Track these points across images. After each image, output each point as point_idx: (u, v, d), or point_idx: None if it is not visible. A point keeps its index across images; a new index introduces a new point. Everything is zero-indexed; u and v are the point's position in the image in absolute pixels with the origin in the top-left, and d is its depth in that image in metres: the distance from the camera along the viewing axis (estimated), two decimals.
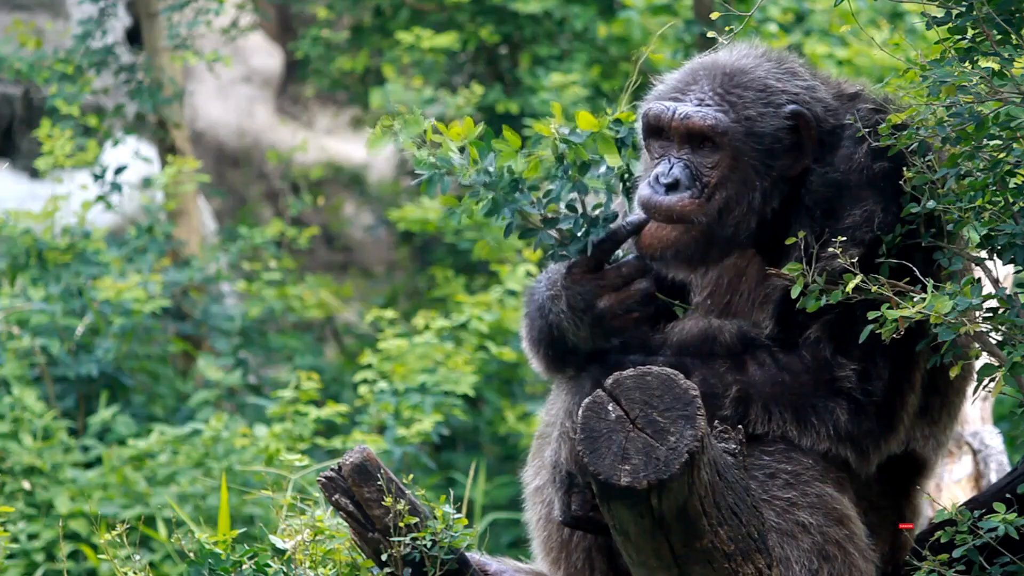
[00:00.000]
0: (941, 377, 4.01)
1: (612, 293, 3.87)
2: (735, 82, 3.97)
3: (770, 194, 3.97)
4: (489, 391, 9.01)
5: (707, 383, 3.84)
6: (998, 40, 3.70)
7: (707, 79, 3.98)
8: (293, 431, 7.57)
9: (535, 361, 4.05)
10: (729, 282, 4.07)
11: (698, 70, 4.02)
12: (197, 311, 9.35)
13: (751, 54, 4.04)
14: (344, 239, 13.46)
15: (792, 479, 3.86)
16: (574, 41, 10.44)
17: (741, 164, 3.94)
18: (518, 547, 6.20)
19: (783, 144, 3.96)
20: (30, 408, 7.92)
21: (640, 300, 3.89)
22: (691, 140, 3.94)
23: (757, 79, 3.98)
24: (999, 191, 3.72)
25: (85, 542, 7.55)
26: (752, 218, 3.96)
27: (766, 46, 4.11)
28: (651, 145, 3.99)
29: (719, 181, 3.94)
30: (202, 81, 13.21)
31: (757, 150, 3.94)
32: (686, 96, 3.98)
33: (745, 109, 3.95)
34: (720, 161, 3.93)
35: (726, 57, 4.03)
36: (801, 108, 3.95)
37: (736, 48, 4.04)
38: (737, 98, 3.95)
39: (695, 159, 3.94)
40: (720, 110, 3.94)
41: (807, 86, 4.00)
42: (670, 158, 3.95)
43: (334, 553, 4.12)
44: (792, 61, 4.07)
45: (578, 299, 3.87)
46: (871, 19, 10.00)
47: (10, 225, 8.70)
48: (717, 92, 3.96)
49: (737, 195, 3.95)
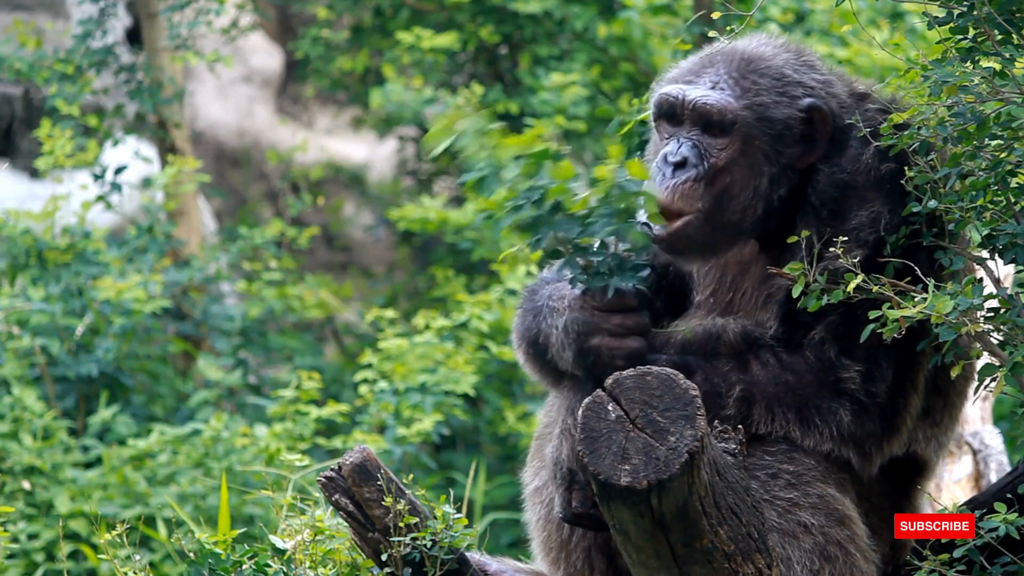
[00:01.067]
0: (943, 378, 4.00)
1: (608, 338, 3.82)
2: (751, 68, 3.96)
3: (778, 181, 3.96)
4: (489, 391, 9.01)
5: (710, 382, 3.83)
6: (999, 40, 3.70)
7: (723, 63, 3.98)
8: (293, 431, 7.57)
9: (518, 353, 4.05)
10: (732, 279, 4.07)
11: (715, 55, 4.01)
12: (197, 311, 9.35)
13: (770, 43, 4.03)
14: (344, 239, 13.46)
15: (794, 479, 3.85)
16: (574, 41, 10.44)
17: (750, 148, 3.93)
18: (518, 547, 6.20)
19: (794, 133, 3.95)
20: (30, 408, 7.92)
21: (627, 356, 3.84)
22: (702, 122, 3.93)
23: (774, 67, 3.97)
24: (1000, 191, 3.72)
25: (85, 542, 7.54)
26: (759, 203, 3.95)
27: (786, 38, 4.10)
28: (661, 127, 3.98)
29: (726, 164, 3.92)
30: (202, 81, 13.21)
31: (768, 135, 3.93)
32: (700, 79, 3.97)
33: (758, 95, 3.94)
34: (730, 144, 3.92)
35: (745, 44, 4.02)
36: (817, 101, 3.95)
37: (755, 37, 4.04)
38: (752, 84, 3.94)
39: (704, 139, 3.93)
40: (733, 94, 3.93)
41: (824, 80, 4.00)
42: (679, 138, 3.94)
43: (334, 553, 4.12)
44: (811, 55, 4.05)
45: (575, 326, 3.82)
46: (871, 19, 10.00)
47: (10, 225, 8.70)
48: (732, 76, 3.95)
49: (744, 179, 3.94)
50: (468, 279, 10.25)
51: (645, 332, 3.82)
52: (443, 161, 11.34)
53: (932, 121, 3.73)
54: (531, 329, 3.94)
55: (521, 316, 4.01)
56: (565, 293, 3.87)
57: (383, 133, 11.91)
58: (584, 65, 10.28)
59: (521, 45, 10.57)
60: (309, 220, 12.90)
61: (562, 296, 3.87)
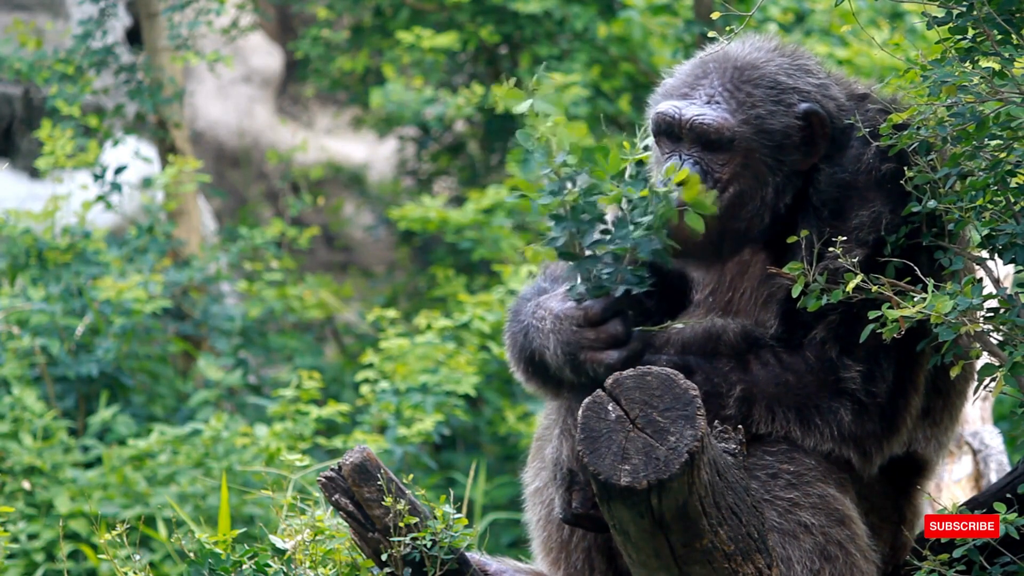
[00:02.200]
0: (943, 378, 4.00)
1: (591, 352, 3.79)
2: (745, 77, 3.95)
3: (783, 188, 3.96)
4: (489, 391, 9.01)
5: (710, 382, 3.83)
6: (999, 40, 3.70)
7: (717, 73, 3.96)
8: (294, 431, 7.57)
9: (517, 373, 4.03)
10: (732, 279, 4.07)
11: (708, 63, 3.99)
12: (197, 311, 9.34)
13: (763, 47, 4.02)
14: (344, 239, 13.46)
15: (794, 479, 3.86)
16: (574, 41, 10.44)
17: (752, 161, 3.93)
18: (518, 547, 6.20)
19: (793, 140, 3.95)
20: (30, 408, 7.92)
21: (607, 368, 3.77)
22: (700, 140, 3.93)
23: (768, 75, 3.96)
24: (1000, 191, 3.72)
25: (85, 542, 7.54)
26: (766, 212, 3.96)
27: (778, 40, 4.07)
28: (661, 142, 3.98)
29: (730, 178, 3.93)
30: (202, 81, 13.21)
31: (768, 146, 3.93)
32: (695, 92, 3.96)
33: (754, 107, 3.93)
34: (731, 159, 3.93)
35: (737, 50, 4.00)
36: (813, 106, 3.94)
37: (748, 41, 4.02)
38: (747, 95, 3.94)
39: (705, 156, 3.93)
40: (728, 110, 3.92)
41: (819, 84, 3.99)
42: (680, 155, 3.94)
43: (334, 553, 4.12)
44: (805, 57, 4.04)
45: (561, 346, 3.82)
46: (871, 19, 10.00)
47: (10, 225, 8.70)
48: (727, 88, 3.94)
49: (749, 190, 3.94)
50: (468, 279, 10.25)
51: (622, 342, 3.79)
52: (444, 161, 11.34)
53: (932, 121, 3.73)
54: (525, 349, 3.93)
55: (511, 337, 4.00)
56: (545, 312, 3.85)
57: (383, 133, 11.91)
58: (584, 65, 10.27)
59: (521, 45, 10.57)
60: (309, 220, 12.90)
61: (543, 316, 3.86)
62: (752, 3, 7.80)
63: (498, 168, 10.92)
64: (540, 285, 4.02)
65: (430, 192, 11.46)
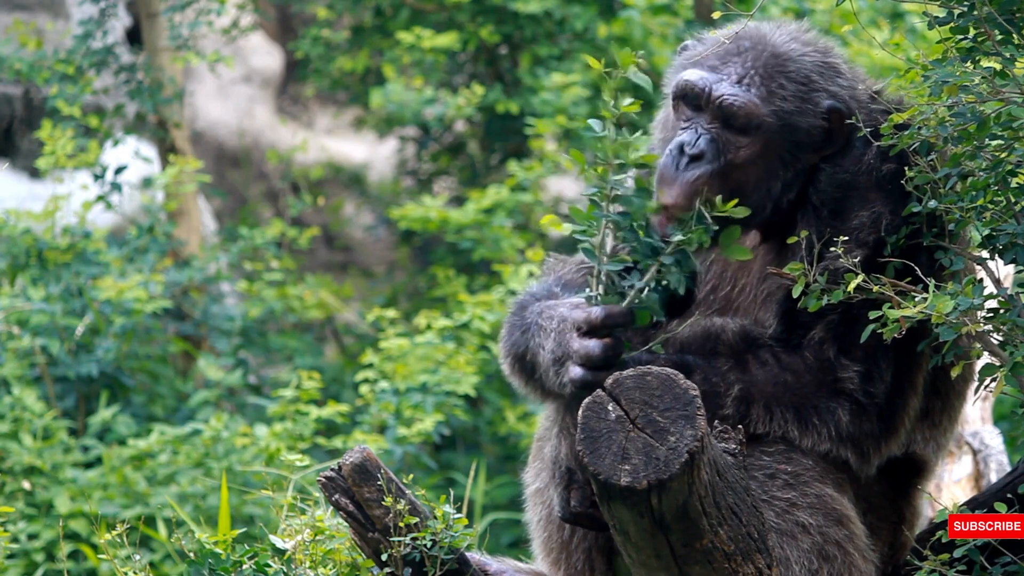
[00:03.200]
0: (942, 380, 4.00)
1: (583, 368, 3.74)
2: (779, 68, 3.91)
3: (790, 184, 3.95)
4: (490, 391, 9.01)
5: (709, 382, 3.83)
6: (1000, 40, 3.70)
7: (752, 54, 3.92)
8: (294, 431, 7.57)
9: (504, 365, 4.00)
10: (732, 277, 4.06)
11: (743, 39, 3.94)
12: (197, 311, 9.34)
13: (799, 39, 3.98)
14: (344, 239, 13.45)
15: (792, 479, 3.85)
16: (574, 41, 10.44)
17: (769, 151, 3.92)
18: (518, 547, 6.20)
19: (813, 139, 3.94)
20: (30, 408, 7.92)
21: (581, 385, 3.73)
22: (724, 116, 3.90)
23: (802, 71, 3.93)
24: (1001, 191, 3.72)
25: (85, 542, 7.54)
26: (768, 205, 3.94)
27: (814, 32, 4.04)
28: (680, 108, 3.94)
29: (743, 163, 3.90)
30: (202, 81, 13.21)
31: (789, 141, 3.92)
32: (726, 68, 3.92)
33: (785, 101, 3.91)
34: (750, 143, 3.90)
35: (774, 35, 3.95)
36: (837, 104, 3.93)
37: (785, 27, 3.99)
38: (779, 87, 3.90)
39: (724, 134, 3.90)
40: (759, 96, 3.89)
41: (848, 85, 3.97)
42: (698, 127, 3.91)
43: (334, 553, 4.11)
44: (836, 55, 4.01)
45: (554, 352, 3.80)
46: (871, 19, 10.00)
47: (10, 225, 8.70)
48: (760, 73, 3.91)
49: (758, 179, 3.92)
50: (468, 279, 10.25)
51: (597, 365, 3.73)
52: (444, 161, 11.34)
53: (932, 121, 3.72)
54: (518, 345, 3.92)
55: (509, 330, 3.98)
56: (554, 314, 3.82)
57: (383, 133, 11.91)
58: (584, 65, 10.27)
59: (521, 45, 10.56)
60: (309, 220, 12.90)
61: (550, 316, 3.83)
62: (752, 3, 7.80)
63: (498, 168, 10.92)
64: (551, 287, 3.98)
65: (430, 192, 11.46)
